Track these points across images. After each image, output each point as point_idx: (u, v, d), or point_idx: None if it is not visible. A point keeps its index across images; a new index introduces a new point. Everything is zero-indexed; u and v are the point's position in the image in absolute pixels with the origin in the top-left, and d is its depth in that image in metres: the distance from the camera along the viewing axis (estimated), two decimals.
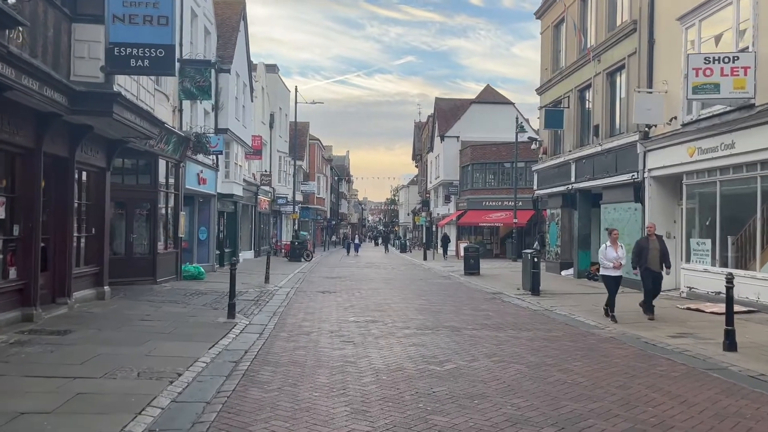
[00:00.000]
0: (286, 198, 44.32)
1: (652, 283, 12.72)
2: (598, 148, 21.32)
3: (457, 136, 50.35)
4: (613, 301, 12.36)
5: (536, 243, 28.21)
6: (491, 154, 44.64)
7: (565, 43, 25.44)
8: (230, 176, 27.46)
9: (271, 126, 40.12)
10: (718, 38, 15.51)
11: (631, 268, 13.27)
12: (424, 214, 62.90)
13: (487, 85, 56.52)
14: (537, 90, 28.53)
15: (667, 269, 12.82)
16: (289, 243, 38.28)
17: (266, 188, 38.40)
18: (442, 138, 51.75)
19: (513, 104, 52.41)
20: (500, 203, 42.58)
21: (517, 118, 39.48)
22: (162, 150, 17.51)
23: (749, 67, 13.51)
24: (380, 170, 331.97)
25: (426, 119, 68.87)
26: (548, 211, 27.73)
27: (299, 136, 49.49)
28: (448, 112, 54.34)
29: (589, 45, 22.52)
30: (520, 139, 37.35)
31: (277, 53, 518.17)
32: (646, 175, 18.27)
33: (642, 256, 12.74)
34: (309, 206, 58.58)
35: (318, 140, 65.98)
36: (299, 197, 49.17)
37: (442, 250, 45.50)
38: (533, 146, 29.91)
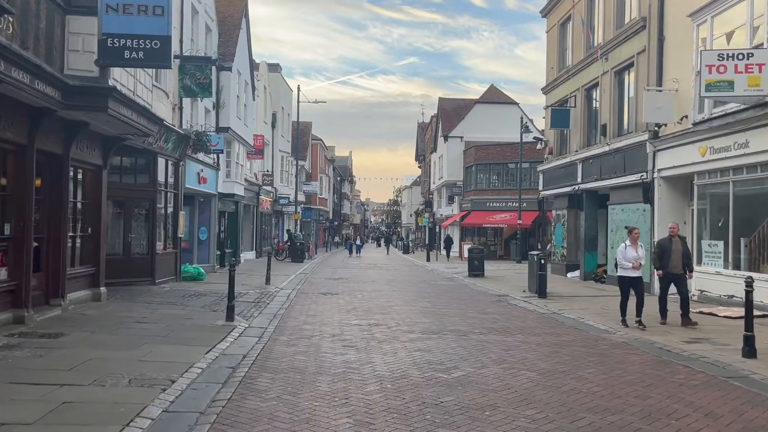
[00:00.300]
0: (288, 198, 43.97)
1: (674, 287, 12.05)
2: (606, 148, 20.92)
3: (461, 137, 49.93)
4: (624, 305, 11.86)
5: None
6: (495, 155, 44.22)
7: (572, 41, 25.05)
8: (231, 176, 27.09)
9: (273, 125, 39.76)
10: (729, 36, 15.12)
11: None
12: (427, 215, 62.53)
13: (491, 85, 56.12)
14: (543, 89, 28.13)
15: (690, 273, 12.29)
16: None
17: (268, 188, 38.04)
18: (445, 138, 51.34)
19: (517, 104, 51.99)
20: (504, 204, 42.14)
21: (521, 119, 39.00)
22: (161, 148, 17.15)
23: (764, 64, 13.11)
24: (382, 171, 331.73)
25: (429, 120, 68.49)
26: (554, 212, 27.32)
27: (302, 136, 49.17)
28: (451, 112, 53.93)
29: (597, 43, 22.14)
30: (524, 140, 36.96)
31: (280, 54, 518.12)
32: (655, 175, 17.87)
33: (663, 258, 12.19)
34: (311, 207, 58.24)
35: (320, 140, 65.66)
36: (301, 197, 48.82)
37: (445, 251, 45.11)
38: (539, 146, 29.48)
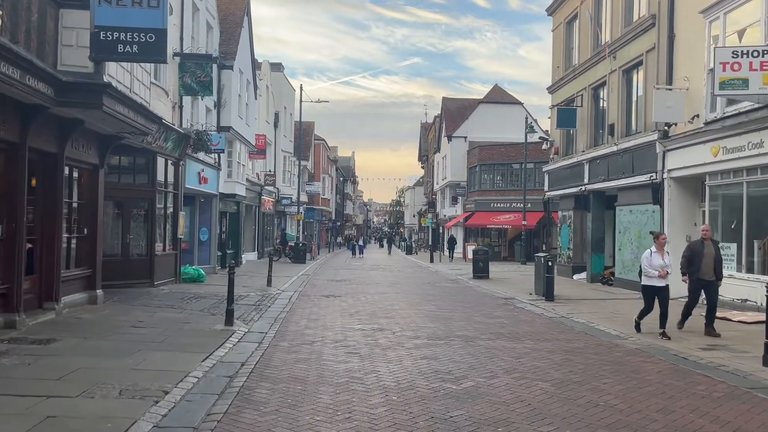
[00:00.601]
0: (291, 198, 43.58)
1: (704, 294, 11.27)
2: (614, 148, 20.51)
3: (465, 137, 49.48)
4: (645, 315, 11.11)
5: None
6: (500, 155, 43.80)
7: (578, 39, 24.64)
8: (233, 176, 26.69)
9: (275, 125, 39.38)
10: (741, 33, 14.70)
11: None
12: (430, 215, 62.13)
13: (495, 84, 55.73)
14: (548, 88, 27.71)
15: (720, 279, 11.38)
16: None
17: (270, 188, 37.65)
18: (449, 138, 50.90)
19: (522, 104, 51.51)
20: (509, 205, 41.72)
21: (526, 118, 38.65)
22: (161, 147, 16.78)
23: None
24: (385, 172, 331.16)
25: (432, 120, 68.05)
26: (560, 213, 26.91)
27: (304, 136, 48.76)
28: (455, 112, 53.48)
29: (604, 41, 21.74)
30: (529, 140, 36.55)
31: (283, 54, 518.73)
32: (665, 175, 17.45)
33: (694, 262, 11.22)
34: (314, 207, 57.81)
35: (323, 140, 65.21)
36: (304, 198, 48.41)
37: (448, 252, 44.70)
38: (544, 146, 29.08)
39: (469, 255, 32.33)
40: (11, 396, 6.21)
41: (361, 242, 53.96)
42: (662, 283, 10.84)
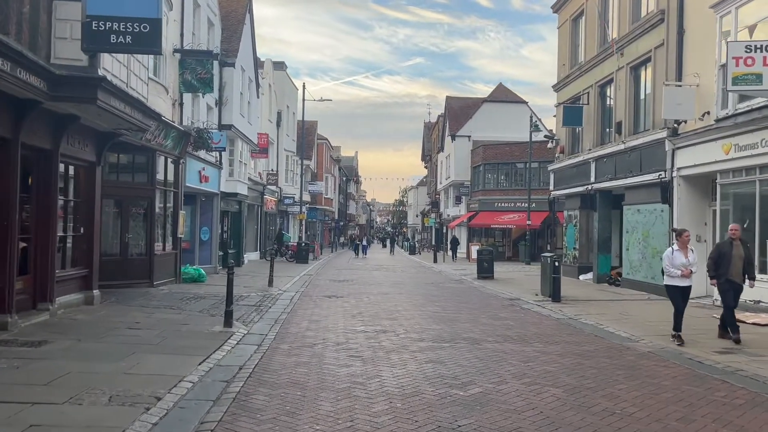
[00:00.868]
0: (293, 198, 43.26)
1: (733, 298, 10.56)
2: (621, 146, 20.15)
3: (469, 136, 49.12)
4: (680, 318, 10.34)
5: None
6: (504, 154, 43.42)
7: (584, 36, 24.27)
8: (234, 174, 26.37)
9: (278, 124, 39.06)
10: (752, 29, 14.32)
11: (655, 274, 11.88)
12: (433, 215, 61.77)
13: (500, 83, 55.49)
14: (554, 86, 27.35)
15: (751, 281, 10.67)
16: (295, 244, 37.16)
17: (273, 188, 37.34)
18: (453, 137, 50.54)
19: (526, 103, 51.15)
20: (513, 204, 41.34)
21: (531, 117, 38.22)
22: (160, 145, 16.48)
23: None
24: (388, 171, 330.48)
25: (436, 119, 67.68)
26: (565, 213, 26.53)
27: (307, 136, 48.46)
28: (459, 111, 53.11)
29: (611, 38, 21.38)
30: (534, 139, 36.16)
31: (287, 54, 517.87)
32: (674, 174, 17.09)
33: (722, 264, 10.45)
34: (317, 207, 57.50)
35: (326, 140, 64.89)
36: (307, 197, 48.09)
37: (451, 252, 44.33)
38: (549, 145, 28.69)
39: (473, 255, 32.00)
40: None
41: (364, 242, 53.60)
42: (685, 282, 10.27)
